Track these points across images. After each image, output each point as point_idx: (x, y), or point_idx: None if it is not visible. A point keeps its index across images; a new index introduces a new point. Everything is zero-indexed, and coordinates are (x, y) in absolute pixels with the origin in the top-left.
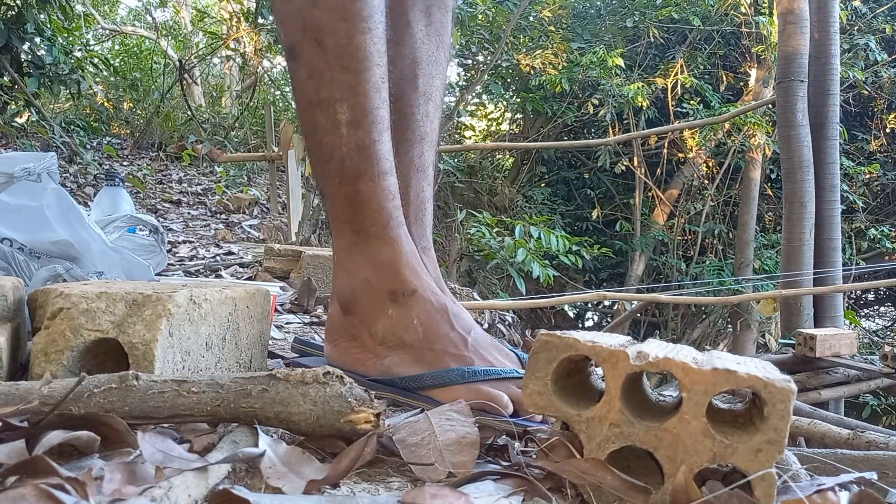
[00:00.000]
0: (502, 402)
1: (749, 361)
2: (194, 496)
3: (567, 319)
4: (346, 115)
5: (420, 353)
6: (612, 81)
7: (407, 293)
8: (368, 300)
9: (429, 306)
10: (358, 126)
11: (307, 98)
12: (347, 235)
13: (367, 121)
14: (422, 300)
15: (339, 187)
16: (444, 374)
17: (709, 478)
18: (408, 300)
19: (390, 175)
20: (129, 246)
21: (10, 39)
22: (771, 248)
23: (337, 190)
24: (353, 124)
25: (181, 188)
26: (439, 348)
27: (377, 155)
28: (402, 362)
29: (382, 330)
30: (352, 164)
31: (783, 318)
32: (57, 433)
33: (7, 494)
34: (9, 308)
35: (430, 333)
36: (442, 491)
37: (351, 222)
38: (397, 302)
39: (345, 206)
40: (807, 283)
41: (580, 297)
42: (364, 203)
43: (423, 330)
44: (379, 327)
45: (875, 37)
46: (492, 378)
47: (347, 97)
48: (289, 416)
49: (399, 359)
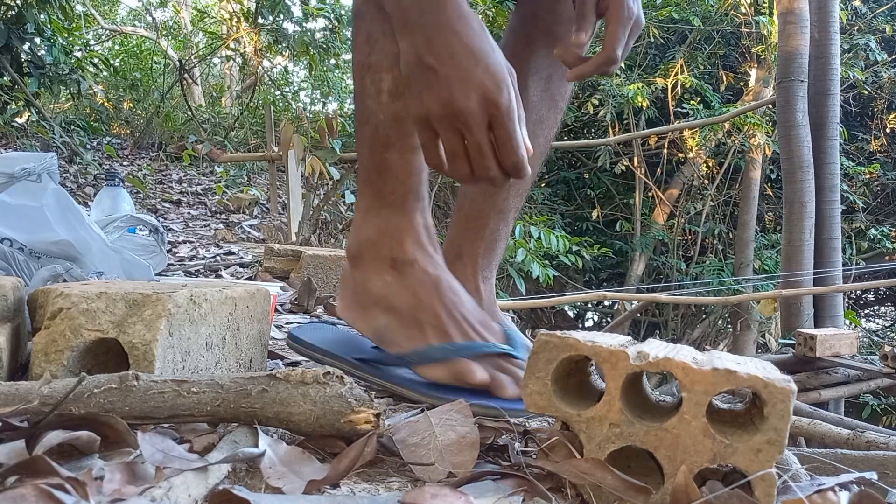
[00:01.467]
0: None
1: (749, 361)
2: (194, 496)
3: (567, 319)
4: (388, 84)
5: (406, 319)
6: (612, 81)
7: (406, 262)
8: (371, 261)
9: (424, 277)
10: (398, 97)
11: (360, 60)
12: (368, 198)
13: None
14: (419, 271)
15: (370, 151)
16: (427, 351)
17: (709, 478)
18: (406, 269)
19: (418, 154)
20: (129, 246)
21: (10, 39)
22: (771, 248)
23: (367, 154)
24: (393, 94)
25: (181, 188)
26: (423, 318)
27: (408, 129)
28: (390, 326)
29: (377, 292)
30: (385, 131)
31: (783, 318)
32: (57, 433)
33: (7, 494)
34: (9, 308)
35: (418, 303)
36: (442, 491)
37: (373, 186)
38: (396, 269)
39: (371, 170)
40: (807, 283)
41: (580, 297)
42: (388, 171)
43: (413, 299)
44: (375, 289)
45: (875, 37)
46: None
47: (394, 67)
48: (289, 416)
49: (387, 321)
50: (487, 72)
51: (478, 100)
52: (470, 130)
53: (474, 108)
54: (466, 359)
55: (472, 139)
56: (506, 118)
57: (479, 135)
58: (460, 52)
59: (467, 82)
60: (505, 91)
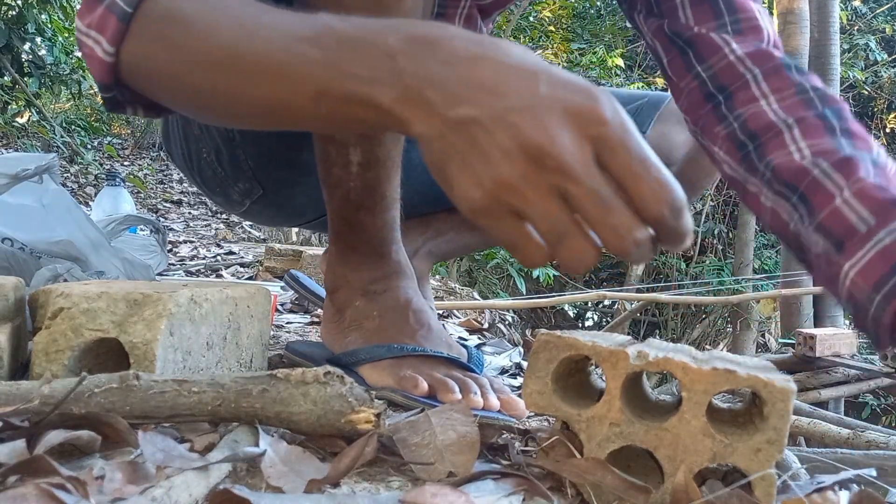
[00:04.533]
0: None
1: (749, 361)
2: (195, 495)
3: (567, 319)
4: (357, 157)
5: (373, 337)
6: (613, 81)
7: (378, 292)
8: (345, 293)
9: (391, 302)
10: (368, 168)
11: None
12: (339, 246)
13: (378, 165)
14: (388, 297)
15: (340, 211)
16: (375, 349)
17: (709, 477)
18: (375, 296)
19: (392, 209)
20: (129, 246)
21: (11, 39)
22: (771, 248)
23: (337, 212)
24: (363, 166)
25: (182, 188)
26: (387, 335)
27: (382, 193)
28: (356, 342)
29: (349, 316)
30: (357, 196)
31: (783, 318)
32: (58, 433)
33: (7, 494)
34: (10, 308)
35: (384, 322)
36: (442, 490)
37: (345, 239)
38: (366, 297)
39: (342, 226)
40: (807, 282)
41: (580, 296)
42: (361, 229)
43: (381, 319)
44: (347, 314)
45: (875, 37)
46: (417, 354)
47: (361, 142)
48: (289, 415)
49: (354, 339)
50: (559, 83)
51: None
52: (571, 176)
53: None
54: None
55: (581, 190)
56: (623, 134)
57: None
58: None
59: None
60: (604, 97)
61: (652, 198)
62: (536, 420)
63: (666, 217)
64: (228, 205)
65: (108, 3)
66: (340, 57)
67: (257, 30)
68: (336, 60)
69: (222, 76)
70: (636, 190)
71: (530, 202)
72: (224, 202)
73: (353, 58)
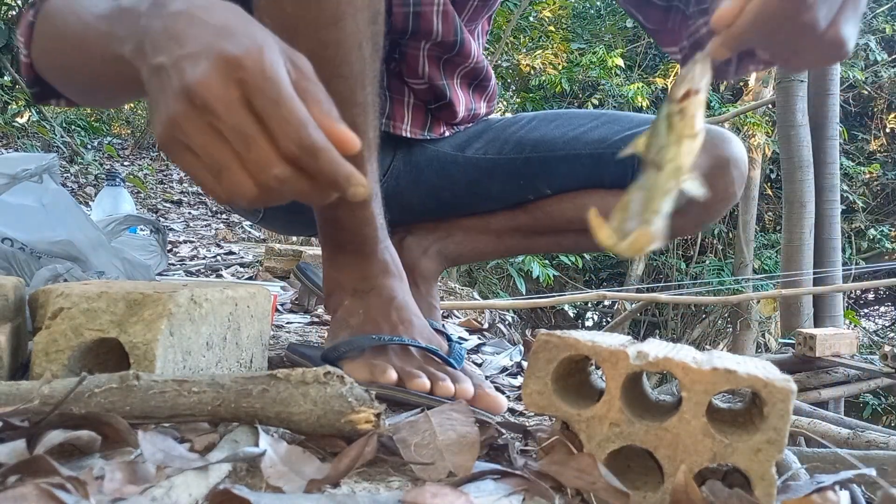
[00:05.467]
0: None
1: (749, 361)
2: (195, 495)
3: (567, 319)
4: None
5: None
6: (612, 81)
7: (366, 290)
8: (338, 295)
9: (376, 300)
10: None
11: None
12: (329, 248)
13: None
14: (373, 295)
15: (320, 210)
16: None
17: (709, 477)
18: (363, 294)
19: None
20: (129, 246)
21: (11, 39)
22: (771, 248)
23: (318, 211)
24: None
25: (182, 188)
26: (369, 329)
27: None
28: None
29: (339, 316)
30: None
31: (783, 318)
32: (58, 433)
33: (8, 494)
34: (10, 308)
35: (368, 318)
36: (442, 490)
37: (331, 239)
38: (354, 296)
39: (325, 224)
40: (807, 282)
41: (580, 296)
42: (341, 227)
43: (364, 316)
44: (338, 314)
45: (875, 37)
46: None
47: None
48: (289, 415)
49: (343, 336)
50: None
51: (212, 66)
52: (216, 114)
53: (211, 78)
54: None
55: (224, 125)
56: (260, 77)
57: (229, 114)
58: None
59: (198, 53)
60: (253, 50)
61: (281, 136)
62: (536, 420)
63: (298, 155)
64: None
65: (28, 15)
66: (114, 25)
67: (80, 17)
68: (111, 29)
69: (67, 61)
70: (270, 128)
71: (191, 137)
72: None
73: (120, 24)
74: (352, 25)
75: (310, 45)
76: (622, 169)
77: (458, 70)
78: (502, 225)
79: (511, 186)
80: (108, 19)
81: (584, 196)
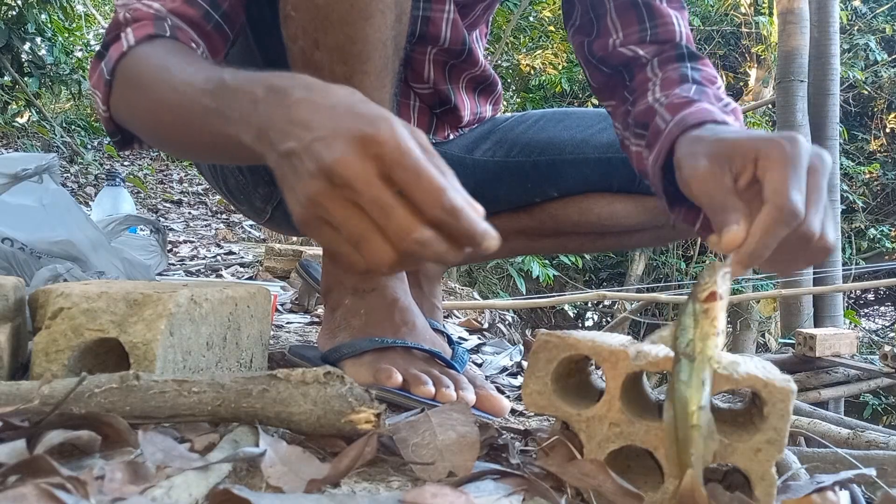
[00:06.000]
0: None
1: (749, 361)
2: (195, 495)
3: (567, 319)
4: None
5: (358, 335)
6: None
7: (367, 290)
8: (337, 293)
9: (378, 300)
10: None
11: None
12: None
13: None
14: (376, 296)
15: None
16: (356, 342)
17: (708, 478)
18: (365, 294)
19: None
20: (129, 246)
21: (11, 39)
22: None
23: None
24: None
25: (182, 188)
26: (371, 331)
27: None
28: (343, 340)
29: (339, 315)
30: None
31: (783, 318)
32: (58, 433)
33: (8, 494)
34: (10, 308)
35: (370, 320)
36: (442, 490)
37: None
38: (355, 295)
39: None
40: (807, 282)
41: (580, 296)
42: None
43: (367, 317)
44: (338, 314)
45: (875, 37)
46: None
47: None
48: (289, 415)
49: (343, 337)
50: (354, 114)
51: (348, 145)
52: (356, 189)
53: (349, 156)
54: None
55: (364, 199)
56: (398, 152)
57: (369, 188)
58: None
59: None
60: (384, 124)
61: (425, 202)
62: (536, 420)
63: (442, 218)
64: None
65: (100, 70)
66: (223, 105)
67: (175, 86)
68: (220, 107)
69: (159, 124)
70: (413, 197)
71: (332, 213)
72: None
73: (232, 105)
74: (380, 22)
75: (338, 39)
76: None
77: (464, 75)
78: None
79: (518, 189)
80: (212, 96)
81: (591, 199)
